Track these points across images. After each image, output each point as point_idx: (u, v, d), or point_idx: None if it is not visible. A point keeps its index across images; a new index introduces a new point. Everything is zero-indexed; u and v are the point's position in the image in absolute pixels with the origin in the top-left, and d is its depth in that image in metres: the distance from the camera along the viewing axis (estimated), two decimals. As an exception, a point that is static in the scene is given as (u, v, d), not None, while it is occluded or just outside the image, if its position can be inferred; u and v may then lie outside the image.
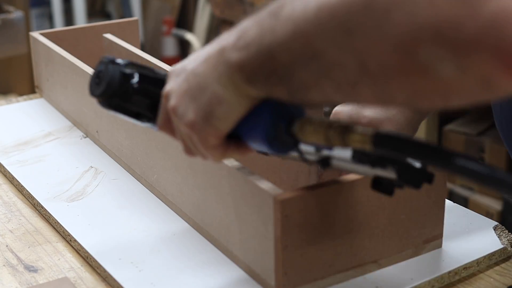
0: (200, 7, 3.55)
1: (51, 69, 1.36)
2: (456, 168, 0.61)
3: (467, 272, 0.90)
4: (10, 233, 1.01)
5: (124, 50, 1.33)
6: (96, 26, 1.46)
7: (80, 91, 1.25)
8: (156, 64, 1.22)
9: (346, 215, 0.84)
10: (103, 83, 0.79)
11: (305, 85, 0.65)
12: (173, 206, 1.03)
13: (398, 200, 0.86)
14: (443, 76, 0.55)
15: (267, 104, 0.72)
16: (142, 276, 0.89)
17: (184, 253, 0.93)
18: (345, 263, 0.86)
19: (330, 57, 0.61)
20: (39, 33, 1.41)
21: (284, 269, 0.82)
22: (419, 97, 0.59)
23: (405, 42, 0.55)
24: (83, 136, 1.27)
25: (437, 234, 0.92)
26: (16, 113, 1.39)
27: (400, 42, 0.55)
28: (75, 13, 3.54)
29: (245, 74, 0.69)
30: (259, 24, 0.67)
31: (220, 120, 0.73)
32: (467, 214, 1.01)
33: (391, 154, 0.68)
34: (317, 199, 0.81)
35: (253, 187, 0.83)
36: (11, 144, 1.25)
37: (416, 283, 0.87)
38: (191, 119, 0.74)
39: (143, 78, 0.80)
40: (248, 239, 0.86)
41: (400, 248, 0.89)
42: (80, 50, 1.42)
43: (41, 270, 0.93)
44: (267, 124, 0.72)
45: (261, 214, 0.82)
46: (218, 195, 0.90)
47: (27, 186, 1.11)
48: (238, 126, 0.74)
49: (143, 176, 1.09)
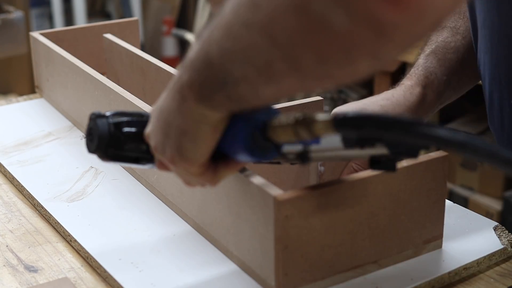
0: (200, 7, 3.55)
1: (51, 69, 1.36)
2: (419, 135, 0.63)
3: (467, 273, 0.90)
4: (10, 233, 1.01)
5: (124, 50, 1.33)
6: (96, 26, 1.46)
7: (80, 91, 1.25)
8: (157, 64, 1.22)
9: (346, 216, 0.84)
10: (95, 138, 0.82)
11: (237, 81, 0.67)
12: (173, 207, 1.03)
13: (398, 200, 0.87)
14: (338, 27, 0.58)
15: (237, 118, 0.74)
16: (142, 276, 0.89)
17: (184, 253, 0.93)
18: (345, 263, 0.86)
19: (244, 40, 0.64)
20: (39, 33, 1.41)
21: (284, 270, 0.82)
22: (326, 60, 0.61)
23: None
24: (83, 136, 1.27)
25: (437, 235, 0.92)
26: (16, 113, 1.39)
27: (296, 1, 0.59)
28: (75, 13, 3.54)
29: (196, 93, 0.71)
30: (200, 40, 0.71)
31: (191, 151, 0.75)
32: (467, 214, 1.01)
33: (364, 133, 0.70)
34: (317, 200, 0.81)
35: (253, 187, 0.83)
36: (11, 144, 1.25)
37: (416, 283, 0.87)
38: (169, 156, 0.77)
39: (131, 124, 0.83)
40: (248, 240, 0.86)
41: (400, 249, 0.89)
42: (80, 50, 1.43)
43: (41, 270, 0.93)
44: (242, 136, 0.73)
45: (261, 215, 0.82)
46: (219, 196, 0.90)
47: (27, 186, 1.11)
48: (220, 144, 0.75)
49: (143, 177, 1.09)
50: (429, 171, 0.87)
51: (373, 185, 0.84)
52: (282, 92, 0.68)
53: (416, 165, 0.86)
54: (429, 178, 0.88)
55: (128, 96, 1.10)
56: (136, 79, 1.31)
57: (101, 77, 1.18)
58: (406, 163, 0.86)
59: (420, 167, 0.87)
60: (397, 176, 0.85)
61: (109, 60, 1.41)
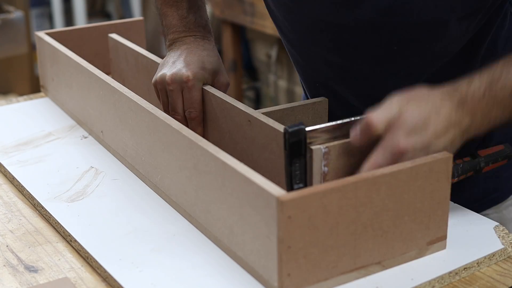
0: (200, 8, 3.54)
1: (56, 69, 1.36)
2: None
3: (467, 273, 0.90)
4: (10, 233, 1.01)
5: (129, 50, 1.33)
6: (101, 26, 1.46)
7: (85, 91, 1.25)
8: (158, 63, 1.22)
9: (350, 216, 0.83)
10: None
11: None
12: (176, 206, 1.02)
13: (402, 201, 0.86)
14: None
15: None
16: (142, 276, 0.89)
17: (185, 253, 0.93)
18: (349, 264, 0.85)
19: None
20: (44, 33, 1.41)
21: (287, 270, 0.81)
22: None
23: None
24: (83, 137, 1.27)
25: (441, 236, 0.91)
26: (17, 113, 1.38)
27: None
28: (75, 13, 3.54)
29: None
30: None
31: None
32: (467, 214, 1.01)
33: None
34: (321, 200, 0.80)
35: (256, 188, 0.82)
36: (12, 144, 1.25)
37: (417, 283, 0.86)
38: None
39: None
40: (251, 240, 0.86)
41: (404, 250, 0.89)
42: (86, 50, 1.43)
43: (41, 270, 0.92)
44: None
45: (265, 215, 0.81)
46: (222, 196, 0.90)
47: (27, 186, 1.10)
48: None
49: (147, 176, 1.09)
50: (432, 172, 0.87)
51: (377, 186, 0.83)
52: None
53: (419, 166, 0.86)
54: (433, 179, 0.87)
55: (133, 96, 1.09)
56: (141, 79, 1.31)
57: (106, 77, 1.18)
58: (409, 164, 0.85)
59: (424, 168, 0.86)
60: (401, 177, 0.85)
61: (114, 60, 1.41)
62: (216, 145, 0.92)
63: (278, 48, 2.98)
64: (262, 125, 1.00)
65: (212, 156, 0.90)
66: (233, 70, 3.05)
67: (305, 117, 1.10)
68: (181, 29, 1.18)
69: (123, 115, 1.12)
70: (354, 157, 0.90)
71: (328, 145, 0.89)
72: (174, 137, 0.98)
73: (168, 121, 1.00)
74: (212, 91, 1.11)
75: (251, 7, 2.82)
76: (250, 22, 2.86)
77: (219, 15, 3.02)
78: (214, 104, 1.11)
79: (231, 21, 2.99)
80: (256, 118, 1.01)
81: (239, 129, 1.05)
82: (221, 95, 1.09)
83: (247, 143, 1.04)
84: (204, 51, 1.15)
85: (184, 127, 0.98)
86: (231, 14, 2.96)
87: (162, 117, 1.01)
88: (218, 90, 1.12)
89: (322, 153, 0.89)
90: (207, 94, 1.12)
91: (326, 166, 0.92)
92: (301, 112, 1.09)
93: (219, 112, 1.10)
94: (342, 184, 0.82)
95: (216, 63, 1.16)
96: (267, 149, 1.00)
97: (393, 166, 0.85)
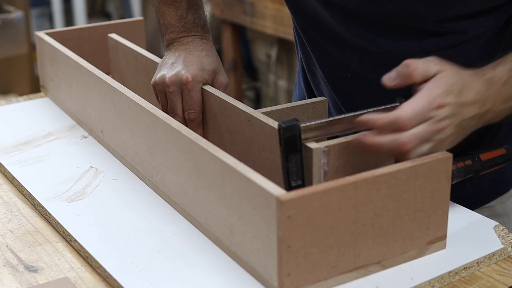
0: (200, 8, 3.54)
1: (56, 69, 1.36)
2: None
3: (467, 272, 0.90)
4: (10, 233, 1.01)
5: (129, 50, 1.33)
6: (101, 26, 1.46)
7: (85, 91, 1.25)
8: (158, 63, 1.22)
9: (349, 216, 0.83)
10: None
11: None
12: (176, 206, 1.02)
13: (402, 201, 0.86)
14: None
15: None
16: (142, 276, 0.89)
17: (185, 253, 0.93)
18: (348, 264, 0.85)
19: None
20: (44, 33, 1.41)
21: (287, 270, 0.81)
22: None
23: None
24: (83, 136, 1.27)
25: (441, 235, 0.91)
26: (17, 113, 1.38)
27: None
28: (75, 13, 3.54)
29: None
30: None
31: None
32: (467, 214, 1.01)
33: None
34: (321, 200, 0.80)
35: (256, 187, 0.82)
36: (11, 144, 1.25)
37: (417, 283, 0.86)
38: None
39: None
40: (251, 240, 0.85)
41: (404, 249, 0.89)
42: (85, 50, 1.43)
43: (41, 270, 0.92)
44: None
45: (264, 215, 0.81)
46: (222, 195, 0.90)
47: (27, 186, 1.10)
48: None
49: (147, 176, 1.09)
50: (432, 171, 0.87)
51: (377, 185, 0.83)
52: None
53: (419, 165, 0.86)
54: (433, 178, 0.87)
55: (133, 96, 1.09)
56: (141, 79, 1.31)
57: (106, 77, 1.18)
58: (409, 163, 0.85)
59: (424, 168, 0.86)
60: (401, 176, 0.85)
61: (114, 60, 1.41)
62: (216, 145, 0.92)
63: (278, 48, 2.98)
64: (262, 125, 1.00)
65: (212, 156, 0.90)
66: (233, 70, 3.05)
67: (305, 117, 1.10)
68: (180, 29, 1.18)
69: (123, 115, 1.12)
70: (354, 156, 0.91)
71: (328, 144, 0.89)
72: (174, 137, 0.98)
73: (168, 121, 1.00)
74: (211, 91, 1.11)
75: (251, 7, 2.82)
76: (250, 22, 2.86)
77: (219, 15, 3.02)
78: (213, 104, 1.11)
79: (231, 21, 2.99)
80: (256, 118, 1.01)
81: (239, 129, 1.05)
82: (220, 95, 1.09)
83: (247, 143, 1.04)
84: (203, 52, 1.15)
85: (184, 127, 0.98)
86: (231, 14, 2.96)
87: (162, 117, 1.01)
88: (217, 90, 1.12)
89: (322, 152, 0.89)
90: (206, 94, 1.12)
91: (326, 166, 0.92)
92: (301, 112, 1.09)
93: (219, 112, 1.10)
94: (342, 184, 0.82)
95: (215, 63, 1.15)
96: (267, 148, 1.00)
97: (393, 166, 0.85)
